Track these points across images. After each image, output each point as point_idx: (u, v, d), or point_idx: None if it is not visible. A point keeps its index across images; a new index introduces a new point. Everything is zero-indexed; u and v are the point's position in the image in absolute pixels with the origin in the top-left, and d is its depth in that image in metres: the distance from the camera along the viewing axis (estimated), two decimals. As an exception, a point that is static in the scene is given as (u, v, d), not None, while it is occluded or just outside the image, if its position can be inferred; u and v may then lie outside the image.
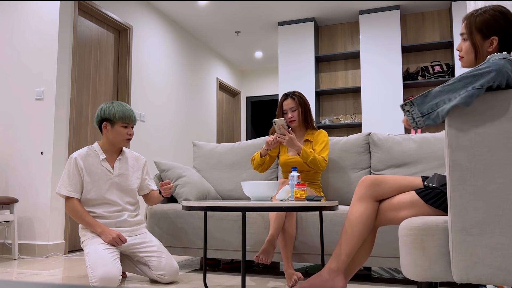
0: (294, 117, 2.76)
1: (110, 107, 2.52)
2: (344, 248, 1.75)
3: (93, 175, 2.51)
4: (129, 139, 2.57)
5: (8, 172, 3.75)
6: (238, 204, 1.85)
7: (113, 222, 2.52)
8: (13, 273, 2.83)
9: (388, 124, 5.12)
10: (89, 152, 2.55)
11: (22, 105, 3.78)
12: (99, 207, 2.52)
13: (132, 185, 2.62)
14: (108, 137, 2.56)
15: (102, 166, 2.54)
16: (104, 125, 2.54)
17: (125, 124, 2.54)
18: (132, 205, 2.63)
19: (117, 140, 2.55)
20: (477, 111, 1.34)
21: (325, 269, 1.77)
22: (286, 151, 2.81)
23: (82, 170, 2.49)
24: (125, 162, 2.63)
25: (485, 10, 1.58)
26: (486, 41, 1.58)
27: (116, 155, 2.62)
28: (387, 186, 1.74)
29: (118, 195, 2.56)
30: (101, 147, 2.59)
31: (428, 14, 5.46)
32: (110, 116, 2.51)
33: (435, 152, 2.76)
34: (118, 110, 2.51)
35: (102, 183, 2.52)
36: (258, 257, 2.35)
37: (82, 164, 2.50)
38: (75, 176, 2.48)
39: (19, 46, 3.86)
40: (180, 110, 5.77)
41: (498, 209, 1.29)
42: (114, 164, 2.59)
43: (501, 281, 1.29)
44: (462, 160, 1.33)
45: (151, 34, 5.16)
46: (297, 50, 5.64)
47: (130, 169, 2.64)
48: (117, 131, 2.53)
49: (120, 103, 2.56)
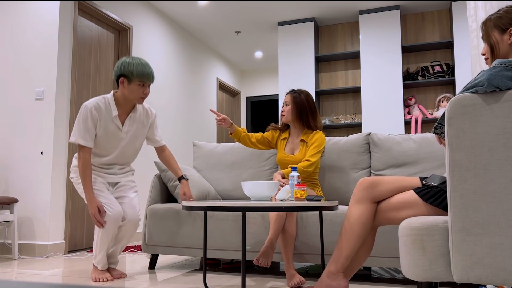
0: (284, 112, 2.81)
1: (130, 63, 2.51)
2: (343, 250, 1.76)
3: (103, 129, 2.55)
4: (144, 98, 2.59)
5: (8, 172, 3.75)
6: (238, 204, 1.85)
7: (103, 170, 2.64)
8: (13, 273, 2.83)
9: (388, 124, 5.12)
10: (103, 105, 2.57)
11: (22, 105, 3.78)
12: (98, 158, 2.61)
13: (137, 145, 2.71)
14: (123, 92, 2.56)
15: (113, 122, 2.58)
16: (121, 81, 2.54)
17: (142, 83, 2.54)
18: (128, 158, 2.72)
19: (132, 97, 2.56)
20: (477, 111, 1.34)
21: (325, 273, 1.78)
22: (283, 149, 2.83)
23: (96, 121, 2.53)
24: (136, 119, 2.67)
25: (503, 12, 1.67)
26: (505, 34, 1.63)
27: (128, 111, 2.64)
28: (384, 187, 1.74)
29: (121, 150, 2.64)
30: (115, 100, 2.60)
31: (428, 14, 5.46)
32: (128, 73, 2.50)
33: (435, 152, 2.76)
34: (137, 68, 2.51)
35: (111, 138, 2.58)
36: (258, 260, 2.35)
37: (97, 115, 2.53)
38: (92, 125, 2.52)
39: (19, 46, 3.86)
40: (180, 110, 5.77)
41: (498, 209, 1.29)
42: (125, 121, 2.62)
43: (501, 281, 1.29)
44: (462, 160, 1.33)
45: (151, 34, 5.16)
46: (297, 50, 5.64)
47: (140, 126, 2.69)
48: (133, 89, 2.53)
49: (140, 59, 2.55)
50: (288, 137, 2.86)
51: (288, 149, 2.82)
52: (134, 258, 3.46)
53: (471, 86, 1.39)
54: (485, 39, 1.69)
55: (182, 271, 2.85)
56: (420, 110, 5.21)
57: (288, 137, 2.86)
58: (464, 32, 5.03)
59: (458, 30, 5.04)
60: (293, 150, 2.80)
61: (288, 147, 2.83)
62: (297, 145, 2.79)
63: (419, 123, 5.00)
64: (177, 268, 3.00)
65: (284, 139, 2.86)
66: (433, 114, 5.15)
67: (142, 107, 2.72)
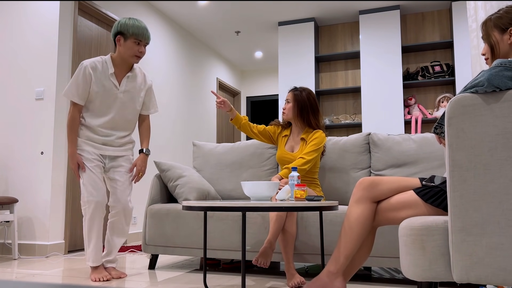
0: (285, 110, 2.81)
1: (127, 22, 2.57)
2: (342, 251, 1.75)
3: (100, 86, 2.57)
4: (139, 56, 2.61)
5: (8, 172, 3.75)
6: (238, 204, 1.85)
7: (100, 139, 2.61)
8: (13, 273, 2.83)
9: (388, 124, 5.12)
10: (100, 64, 2.60)
11: (22, 105, 3.78)
12: (96, 119, 2.60)
13: (136, 104, 2.70)
14: (120, 51, 2.60)
15: (110, 80, 2.60)
16: (117, 38, 2.59)
17: (137, 41, 2.57)
18: (128, 124, 2.70)
19: (127, 55, 2.59)
20: (477, 111, 1.34)
21: (324, 272, 1.77)
22: (283, 146, 2.82)
23: (91, 78, 2.55)
24: (133, 80, 2.68)
25: (499, 10, 1.68)
26: (505, 34, 1.63)
27: (125, 72, 2.66)
28: (384, 187, 1.74)
29: (119, 111, 2.63)
30: (112, 60, 2.63)
31: (428, 14, 5.46)
32: (124, 30, 2.55)
33: (435, 152, 2.76)
34: (133, 26, 2.56)
35: (107, 96, 2.59)
36: (257, 260, 2.34)
37: (91, 72, 2.56)
38: (83, 83, 2.54)
39: (19, 46, 3.86)
40: (180, 110, 5.77)
41: (498, 209, 1.29)
42: (122, 80, 2.64)
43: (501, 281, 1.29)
44: (462, 160, 1.33)
45: (151, 34, 5.16)
46: (297, 50, 5.64)
47: (137, 88, 2.69)
48: (129, 46, 2.57)
49: (137, 20, 2.60)
50: (289, 134, 2.86)
51: (288, 146, 2.82)
52: (134, 258, 3.46)
53: (471, 86, 1.39)
54: (485, 39, 1.69)
55: (182, 271, 2.85)
56: (420, 110, 5.21)
57: (289, 134, 2.86)
58: (464, 32, 5.03)
59: (458, 30, 5.04)
60: (293, 148, 2.79)
61: (289, 145, 2.82)
62: (297, 143, 2.79)
63: (419, 123, 5.00)
64: (177, 268, 3.00)
65: (285, 136, 2.86)
66: (433, 114, 5.15)
67: (140, 71, 2.74)
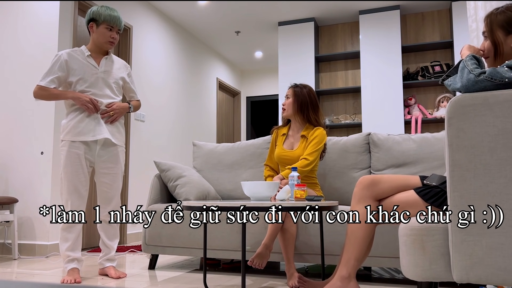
0: (285, 105, 2.79)
1: (99, 9, 2.62)
2: (351, 253, 1.72)
3: (79, 68, 2.60)
4: (112, 42, 2.66)
5: (8, 172, 3.75)
6: (238, 204, 1.85)
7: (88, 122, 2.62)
8: (13, 273, 2.83)
9: (388, 124, 5.12)
10: (75, 52, 2.65)
11: (22, 105, 3.78)
12: None
13: (118, 80, 2.72)
14: (93, 38, 2.65)
15: (87, 61, 2.64)
16: (90, 25, 2.64)
17: (109, 27, 2.62)
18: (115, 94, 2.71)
19: (101, 41, 2.63)
20: (477, 111, 1.34)
21: (337, 278, 1.73)
22: (281, 144, 2.78)
23: (67, 63, 2.58)
24: (111, 61, 2.73)
25: (507, 7, 1.62)
26: (509, 36, 1.60)
27: (102, 56, 2.71)
28: (385, 185, 1.73)
29: (104, 89, 2.65)
30: (87, 48, 2.69)
31: (428, 14, 5.46)
32: (96, 16, 2.61)
33: (435, 152, 2.76)
34: (104, 12, 2.61)
35: (88, 76, 2.61)
36: (253, 261, 2.34)
37: (67, 57, 2.59)
38: (57, 69, 2.57)
39: (19, 46, 3.86)
40: (180, 110, 5.77)
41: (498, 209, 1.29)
42: (101, 61, 2.68)
43: (501, 281, 1.29)
44: (462, 160, 1.33)
45: (151, 34, 5.16)
46: (297, 50, 5.64)
47: (116, 67, 2.74)
48: (101, 32, 2.62)
49: (109, 7, 2.66)
50: (287, 132, 2.82)
51: (288, 144, 2.77)
52: (134, 258, 3.46)
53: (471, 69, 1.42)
54: (488, 35, 1.64)
55: (182, 271, 2.85)
56: (420, 110, 5.21)
57: (288, 132, 2.83)
58: (464, 32, 5.03)
59: (458, 30, 5.04)
60: (293, 145, 2.75)
61: (288, 142, 2.77)
62: (298, 140, 2.74)
63: (419, 123, 5.00)
64: (177, 268, 3.00)
65: (283, 135, 2.81)
66: (433, 114, 5.15)
67: (116, 57, 2.80)
